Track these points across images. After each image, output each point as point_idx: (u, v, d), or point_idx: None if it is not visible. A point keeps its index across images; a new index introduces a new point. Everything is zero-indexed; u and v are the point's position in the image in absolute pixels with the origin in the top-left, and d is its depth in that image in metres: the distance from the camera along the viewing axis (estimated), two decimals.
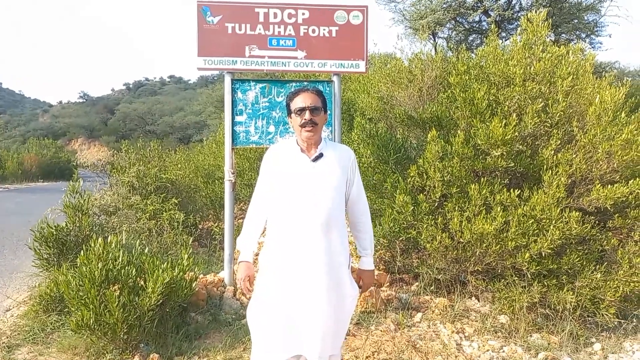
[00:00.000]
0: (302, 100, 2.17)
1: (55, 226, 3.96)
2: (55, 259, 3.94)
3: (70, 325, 2.99)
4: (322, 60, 4.03)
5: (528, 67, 4.26)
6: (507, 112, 4.18)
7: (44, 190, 16.60)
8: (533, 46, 4.37)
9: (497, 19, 9.53)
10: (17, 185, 19.81)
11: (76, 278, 3.05)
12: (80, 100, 77.21)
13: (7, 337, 3.41)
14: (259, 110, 4.05)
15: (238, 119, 4.05)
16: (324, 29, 4.02)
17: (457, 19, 10.31)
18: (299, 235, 2.11)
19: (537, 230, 3.59)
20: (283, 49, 3.99)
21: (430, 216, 3.93)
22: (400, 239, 4.21)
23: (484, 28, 10.31)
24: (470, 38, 10.48)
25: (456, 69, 4.63)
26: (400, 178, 4.13)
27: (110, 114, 57.59)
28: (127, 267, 3.11)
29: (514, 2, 9.86)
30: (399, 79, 5.46)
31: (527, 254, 3.54)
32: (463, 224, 3.74)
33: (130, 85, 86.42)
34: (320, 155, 2.19)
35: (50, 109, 78.31)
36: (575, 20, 9.89)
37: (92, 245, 3.03)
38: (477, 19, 10.51)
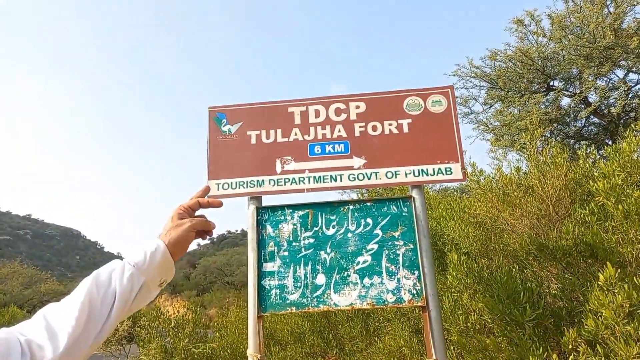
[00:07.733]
0: None
1: None
2: None
3: None
4: (391, 169, 2.61)
5: None
6: None
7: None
8: None
9: (613, 119, 7.76)
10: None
11: None
12: None
13: None
14: (299, 251, 2.57)
15: (267, 267, 2.57)
16: (390, 124, 2.69)
17: (557, 126, 8.62)
18: None
19: None
20: (331, 157, 2.66)
21: None
22: None
23: (592, 132, 8.51)
24: (577, 146, 8.68)
25: (599, 170, 3.03)
26: (554, 355, 2.29)
27: (192, 268, 59.75)
28: None
29: (629, 97, 7.92)
30: (505, 195, 3.86)
31: None
32: None
33: (215, 239, 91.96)
34: None
35: None
36: None
37: None
38: (580, 123, 8.78)
